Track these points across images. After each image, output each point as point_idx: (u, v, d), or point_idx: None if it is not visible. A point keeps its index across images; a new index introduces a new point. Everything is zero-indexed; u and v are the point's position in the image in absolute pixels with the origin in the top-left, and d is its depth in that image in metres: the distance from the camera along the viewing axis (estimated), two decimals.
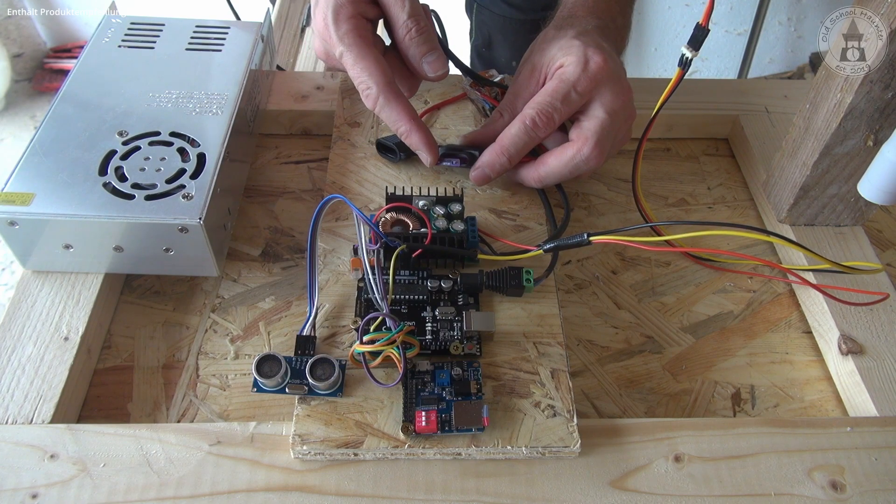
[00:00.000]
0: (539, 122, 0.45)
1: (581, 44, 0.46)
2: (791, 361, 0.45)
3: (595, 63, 0.45)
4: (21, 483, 0.35)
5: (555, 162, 0.46)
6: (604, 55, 0.46)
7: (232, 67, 0.50)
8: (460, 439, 0.36)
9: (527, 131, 0.46)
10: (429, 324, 0.40)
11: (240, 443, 0.36)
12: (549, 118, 0.45)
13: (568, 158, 0.46)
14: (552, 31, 0.51)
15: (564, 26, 0.50)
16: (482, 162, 0.47)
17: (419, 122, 0.46)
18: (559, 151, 0.46)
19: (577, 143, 0.46)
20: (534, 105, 0.46)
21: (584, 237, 0.40)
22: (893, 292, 0.45)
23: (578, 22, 0.51)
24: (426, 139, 0.46)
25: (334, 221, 0.46)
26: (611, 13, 0.53)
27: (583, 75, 0.45)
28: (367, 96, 0.45)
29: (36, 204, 0.40)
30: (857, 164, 0.45)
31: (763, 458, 0.37)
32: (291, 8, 0.88)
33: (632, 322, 0.46)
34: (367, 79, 0.44)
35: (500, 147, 0.47)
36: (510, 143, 0.46)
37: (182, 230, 0.40)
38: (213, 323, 0.44)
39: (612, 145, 0.47)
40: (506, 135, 0.46)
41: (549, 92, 0.46)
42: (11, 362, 0.39)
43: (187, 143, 0.44)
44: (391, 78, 0.45)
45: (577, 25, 0.50)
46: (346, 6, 0.45)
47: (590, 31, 0.49)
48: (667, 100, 0.44)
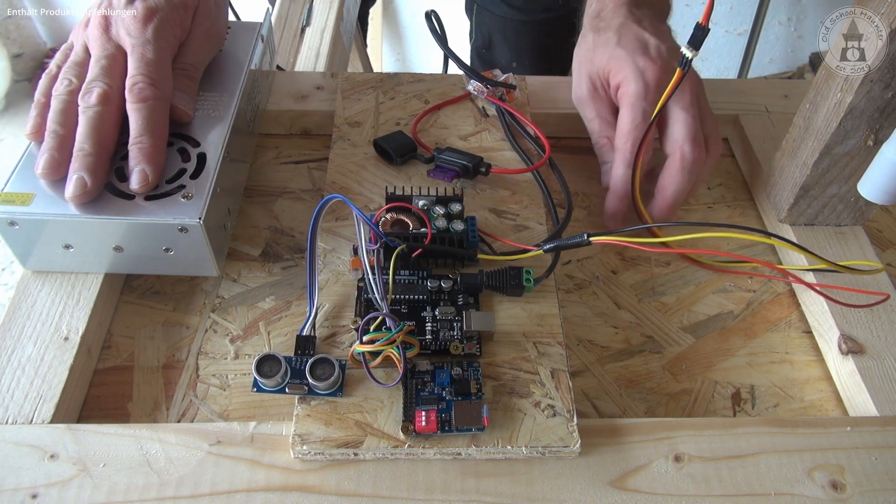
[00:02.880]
0: (636, 151, 0.47)
1: (627, 54, 0.48)
2: (791, 361, 0.45)
3: (650, 71, 0.47)
4: (21, 483, 0.35)
5: (671, 184, 0.47)
6: (650, 58, 0.47)
7: (232, 67, 0.50)
8: (460, 439, 0.36)
9: (630, 165, 0.47)
10: (429, 324, 0.40)
11: (240, 443, 0.36)
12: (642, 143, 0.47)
13: (678, 173, 0.46)
14: (591, 34, 0.52)
15: (601, 28, 0.51)
16: (607, 215, 0.48)
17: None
18: (668, 173, 0.47)
19: (675, 154, 0.46)
20: (622, 139, 0.47)
21: (585, 237, 0.40)
22: (894, 292, 0.45)
23: (611, 15, 0.51)
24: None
25: (334, 221, 0.46)
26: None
27: (646, 89, 0.47)
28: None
29: (36, 204, 0.40)
30: (857, 164, 0.45)
31: (763, 457, 0.37)
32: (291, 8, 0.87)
33: (632, 322, 0.46)
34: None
35: (614, 194, 0.48)
36: (622, 184, 0.47)
37: (182, 230, 0.40)
38: (213, 323, 0.44)
39: (706, 128, 0.48)
40: (615, 180, 0.48)
41: (629, 120, 0.47)
42: (11, 362, 0.39)
43: (187, 143, 0.44)
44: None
45: (612, 21, 0.50)
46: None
47: (626, 24, 0.50)
48: (666, 101, 0.44)
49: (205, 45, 0.48)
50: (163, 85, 0.43)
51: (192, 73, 0.46)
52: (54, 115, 0.42)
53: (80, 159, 0.40)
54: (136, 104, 0.41)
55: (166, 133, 0.43)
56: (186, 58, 0.46)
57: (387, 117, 0.54)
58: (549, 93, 0.58)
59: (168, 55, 0.45)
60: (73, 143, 0.41)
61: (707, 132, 0.48)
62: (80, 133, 0.41)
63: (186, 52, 0.46)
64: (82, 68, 0.43)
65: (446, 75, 0.58)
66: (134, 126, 0.41)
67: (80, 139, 0.40)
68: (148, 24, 0.43)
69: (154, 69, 0.43)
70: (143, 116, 0.41)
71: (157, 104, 0.42)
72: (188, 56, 0.46)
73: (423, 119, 0.54)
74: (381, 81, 0.57)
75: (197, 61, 0.47)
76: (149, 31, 0.43)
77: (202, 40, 0.48)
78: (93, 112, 0.41)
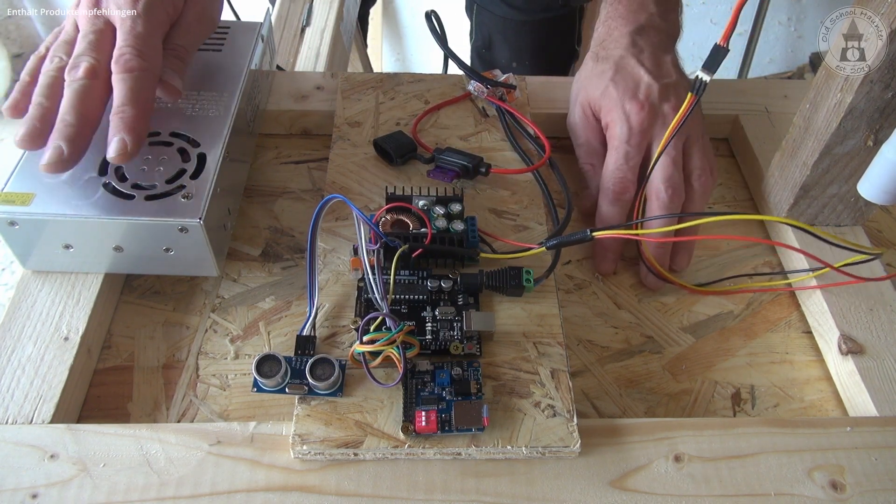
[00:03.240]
0: (619, 190, 0.48)
1: (618, 96, 0.49)
2: (791, 361, 0.45)
3: (634, 115, 0.48)
4: (21, 483, 0.35)
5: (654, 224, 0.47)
6: (638, 101, 0.48)
7: (232, 67, 0.50)
8: (460, 439, 0.36)
9: (613, 204, 0.48)
10: (429, 324, 0.40)
11: (240, 443, 0.36)
12: (625, 183, 0.48)
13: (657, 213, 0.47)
14: (591, 62, 0.53)
15: (601, 57, 0.52)
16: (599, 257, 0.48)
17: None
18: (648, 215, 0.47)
19: (651, 196, 0.47)
20: (606, 179, 0.49)
21: (587, 233, 0.40)
22: (891, 290, 0.45)
23: (613, 45, 0.52)
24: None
25: (334, 221, 0.46)
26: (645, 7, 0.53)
27: (629, 133, 0.48)
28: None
29: (36, 204, 0.40)
30: (857, 164, 0.45)
31: (763, 458, 0.37)
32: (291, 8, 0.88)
33: (632, 322, 0.46)
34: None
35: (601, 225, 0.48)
36: (609, 223, 0.48)
37: (182, 230, 0.40)
38: (213, 323, 0.44)
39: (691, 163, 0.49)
40: (601, 218, 0.49)
41: (612, 161, 0.49)
42: (11, 362, 0.39)
43: (187, 143, 0.44)
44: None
45: (613, 51, 0.51)
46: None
47: (625, 57, 0.50)
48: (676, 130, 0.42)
49: (196, 27, 0.47)
50: (150, 58, 0.42)
51: (182, 54, 0.45)
52: (40, 88, 0.41)
53: (60, 130, 0.39)
54: (122, 74, 0.40)
55: (152, 107, 0.42)
56: (177, 38, 0.45)
57: (387, 117, 0.54)
58: (549, 93, 0.58)
59: (158, 31, 0.44)
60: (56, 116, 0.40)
61: (692, 168, 0.48)
62: (64, 105, 0.40)
63: (177, 32, 0.45)
64: (71, 46, 0.42)
65: (446, 75, 0.58)
66: (118, 96, 0.40)
67: (63, 110, 0.40)
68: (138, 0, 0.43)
69: (142, 42, 0.41)
70: (128, 87, 0.40)
71: (143, 75, 0.41)
72: (179, 37, 0.45)
73: (423, 119, 0.54)
74: (381, 81, 0.57)
75: (188, 43, 0.46)
76: (139, 6, 0.42)
77: (194, 22, 0.47)
78: (78, 85, 0.40)
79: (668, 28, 0.54)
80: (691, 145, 0.49)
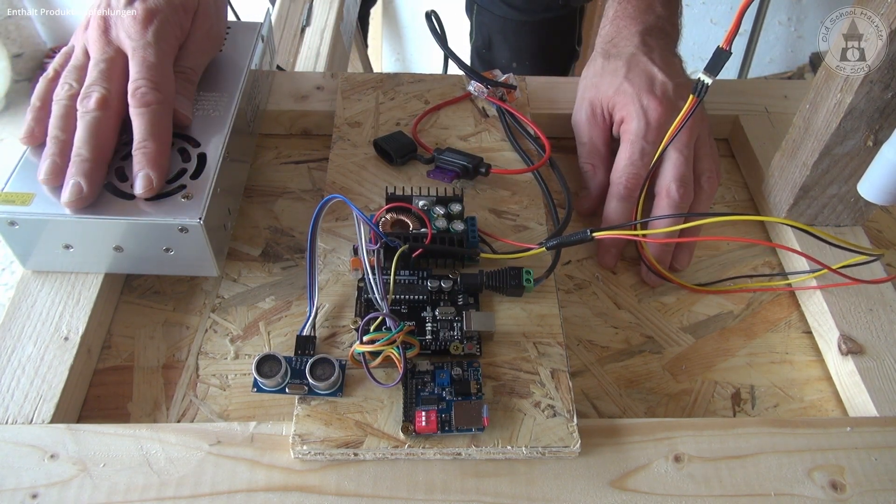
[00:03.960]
0: (632, 186, 0.47)
1: (634, 91, 0.48)
2: (791, 361, 0.45)
3: (653, 110, 0.47)
4: (21, 483, 0.35)
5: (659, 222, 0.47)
6: (655, 97, 0.48)
7: (232, 67, 0.50)
8: (460, 439, 0.36)
9: (623, 200, 0.48)
10: (429, 324, 0.40)
11: (240, 443, 0.36)
12: (638, 179, 0.47)
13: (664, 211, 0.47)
14: (600, 59, 0.52)
15: (612, 55, 0.51)
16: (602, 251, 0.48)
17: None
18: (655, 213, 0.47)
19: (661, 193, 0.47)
20: (618, 174, 0.48)
21: (587, 233, 0.40)
22: (891, 290, 0.45)
23: (624, 43, 0.52)
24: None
25: (334, 221, 0.46)
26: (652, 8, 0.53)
27: (647, 128, 0.47)
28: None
29: (36, 204, 0.40)
30: (857, 164, 0.45)
31: (763, 458, 0.37)
32: (291, 8, 0.87)
33: (632, 322, 0.46)
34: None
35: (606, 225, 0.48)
36: (615, 218, 0.48)
37: (182, 230, 0.40)
38: (213, 323, 0.44)
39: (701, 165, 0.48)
40: (608, 215, 0.48)
41: (627, 156, 0.48)
42: (11, 362, 0.39)
43: (187, 142, 0.44)
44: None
45: (624, 49, 0.51)
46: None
47: (636, 55, 0.50)
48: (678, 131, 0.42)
49: (204, 47, 0.48)
50: (165, 89, 0.43)
51: (191, 76, 0.46)
52: (55, 120, 0.42)
53: (77, 164, 0.40)
54: (140, 108, 0.41)
55: (170, 137, 0.43)
56: (186, 60, 0.46)
57: (387, 117, 0.54)
58: (549, 93, 0.58)
59: (169, 58, 0.44)
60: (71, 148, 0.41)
61: (702, 169, 0.48)
62: (78, 138, 0.40)
63: (186, 54, 0.46)
64: (82, 72, 0.43)
65: (446, 75, 0.58)
66: (138, 131, 0.41)
67: (78, 144, 0.40)
68: (148, 26, 0.43)
69: (156, 73, 0.42)
70: (147, 121, 0.41)
71: (161, 108, 0.42)
72: (188, 59, 0.46)
73: (423, 119, 0.54)
74: (381, 82, 0.57)
75: (196, 64, 0.47)
76: (149, 34, 0.43)
77: (202, 42, 0.47)
78: (90, 117, 0.41)
79: (672, 31, 0.54)
80: (701, 146, 0.49)
